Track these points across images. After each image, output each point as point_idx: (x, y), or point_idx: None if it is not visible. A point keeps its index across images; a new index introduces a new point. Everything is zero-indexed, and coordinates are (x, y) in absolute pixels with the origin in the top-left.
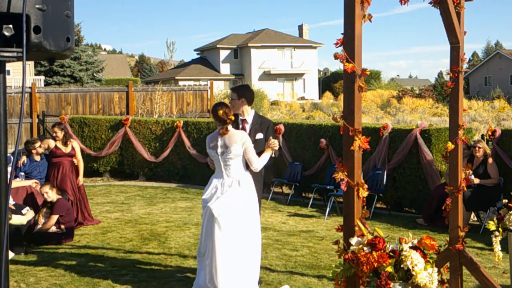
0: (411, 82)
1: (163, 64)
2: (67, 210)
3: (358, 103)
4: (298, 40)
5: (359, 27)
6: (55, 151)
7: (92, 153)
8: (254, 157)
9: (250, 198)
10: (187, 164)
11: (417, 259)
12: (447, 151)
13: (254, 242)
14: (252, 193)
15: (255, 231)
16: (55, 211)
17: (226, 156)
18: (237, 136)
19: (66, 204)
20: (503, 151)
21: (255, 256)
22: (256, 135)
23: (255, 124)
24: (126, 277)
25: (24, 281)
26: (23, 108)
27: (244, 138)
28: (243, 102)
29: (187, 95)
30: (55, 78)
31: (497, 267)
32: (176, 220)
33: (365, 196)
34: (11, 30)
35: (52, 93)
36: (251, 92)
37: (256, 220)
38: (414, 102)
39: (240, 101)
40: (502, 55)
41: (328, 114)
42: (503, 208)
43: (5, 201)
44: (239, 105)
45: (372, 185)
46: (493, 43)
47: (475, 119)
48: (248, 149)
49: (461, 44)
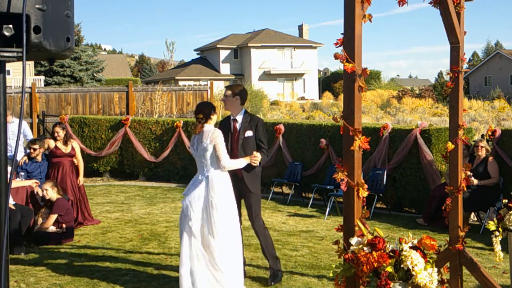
0: (411, 82)
1: (163, 64)
2: (66, 210)
3: (358, 103)
4: (298, 40)
5: (359, 27)
6: (55, 151)
7: (92, 153)
8: (223, 154)
9: (219, 196)
10: (187, 164)
11: (417, 259)
12: (447, 151)
13: (222, 241)
14: (222, 191)
15: (224, 231)
16: (54, 211)
17: (199, 153)
18: (208, 133)
19: (65, 204)
20: (503, 151)
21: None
22: (245, 132)
23: (245, 122)
24: (126, 277)
25: (24, 281)
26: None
27: (214, 135)
28: (237, 100)
29: (187, 95)
30: (55, 78)
31: (497, 267)
32: (176, 220)
33: (365, 196)
34: (11, 30)
35: (52, 93)
36: (246, 92)
37: (226, 220)
38: (414, 102)
39: (235, 99)
40: (502, 55)
41: (328, 114)
42: (503, 208)
43: (5, 201)
44: (232, 102)
45: (372, 185)
46: (493, 43)
47: (475, 119)
48: (217, 146)
49: (461, 44)
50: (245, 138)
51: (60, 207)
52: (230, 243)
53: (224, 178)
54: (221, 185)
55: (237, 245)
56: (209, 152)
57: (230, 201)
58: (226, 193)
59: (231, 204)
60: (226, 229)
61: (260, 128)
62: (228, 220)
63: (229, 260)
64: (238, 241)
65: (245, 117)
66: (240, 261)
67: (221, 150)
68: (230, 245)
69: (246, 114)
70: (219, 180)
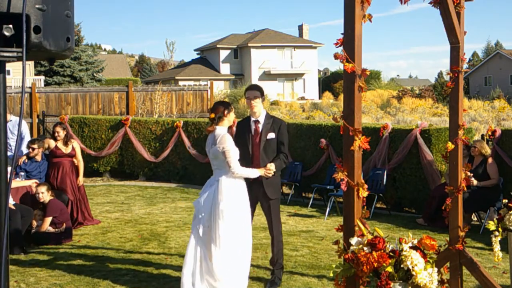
0: (411, 82)
1: (163, 64)
2: (60, 211)
3: (358, 103)
4: (298, 40)
5: (359, 27)
6: (55, 151)
7: (92, 153)
8: (232, 160)
9: (227, 203)
10: (187, 164)
11: (417, 259)
12: (447, 151)
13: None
14: (231, 198)
15: (227, 241)
16: (48, 213)
17: (210, 156)
18: (218, 137)
19: (58, 205)
20: (503, 151)
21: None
22: (268, 134)
23: (267, 124)
24: (126, 277)
25: (24, 281)
26: (23, 108)
27: (222, 140)
28: (263, 100)
29: (187, 95)
30: (55, 78)
31: (497, 267)
32: (176, 220)
33: (365, 196)
34: (11, 30)
35: (52, 93)
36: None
37: (232, 228)
38: (414, 102)
39: (262, 99)
40: (502, 55)
41: (328, 114)
42: (503, 208)
43: (5, 201)
44: (260, 103)
45: (372, 185)
46: (493, 43)
47: (475, 119)
48: (226, 152)
49: (461, 44)
50: (267, 140)
51: (54, 209)
52: (232, 253)
53: (236, 184)
54: (231, 191)
55: (243, 253)
56: (219, 157)
57: (240, 207)
58: (236, 199)
59: (241, 211)
60: (230, 239)
61: (283, 130)
62: (234, 228)
63: (228, 269)
64: (244, 249)
65: (267, 118)
66: (243, 270)
67: (231, 157)
68: (231, 255)
69: (268, 115)
70: (229, 186)
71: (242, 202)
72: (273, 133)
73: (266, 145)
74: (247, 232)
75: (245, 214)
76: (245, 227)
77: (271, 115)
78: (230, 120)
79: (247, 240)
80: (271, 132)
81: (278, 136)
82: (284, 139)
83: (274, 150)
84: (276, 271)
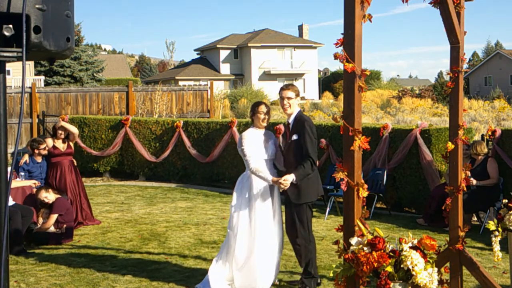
0: (411, 82)
1: (163, 64)
2: (66, 210)
3: (358, 103)
4: (298, 40)
5: (359, 27)
6: (52, 151)
7: (94, 152)
8: (249, 159)
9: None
10: (187, 164)
11: (417, 259)
12: (447, 151)
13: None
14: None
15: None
16: (54, 210)
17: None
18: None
19: (65, 203)
20: (503, 151)
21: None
22: (293, 136)
23: (295, 124)
24: (126, 277)
25: (24, 281)
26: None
27: (240, 141)
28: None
29: (187, 95)
30: (55, 78)
31: (497, 267)
32: (176, 220)
33: (365, 196)
34: (11, 30)
35: (52, 93)
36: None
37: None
38: (414, 102)
39: (297, 100)
40: (502, 55)
41: (328, 114)
42: (503, 208)
43: (5, 201)
44: (292, 105)
45: (372, 185)
46: (493, 43)
47: (475, 119)
48: (242, 152)
49: (461, 44)
50: (291, 142)
51: (61, 207)
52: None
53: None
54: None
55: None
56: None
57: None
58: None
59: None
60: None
61: (301, 130)
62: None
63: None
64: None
65: (295, 118)
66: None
67: (246, 156)
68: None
69: (297, 115)
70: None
71: (262, 196)
72: (296, 135)
73: (289, 148)
74: (270, 226)
75: (268, 209)
76: (267, 220)
77: (300, 115)
78: (255, 121)
79: (271, 234)
80: (294, 133)
81: (300, 138)
82: (306, 141)
83: (296, 153)
84: (305, 279)
